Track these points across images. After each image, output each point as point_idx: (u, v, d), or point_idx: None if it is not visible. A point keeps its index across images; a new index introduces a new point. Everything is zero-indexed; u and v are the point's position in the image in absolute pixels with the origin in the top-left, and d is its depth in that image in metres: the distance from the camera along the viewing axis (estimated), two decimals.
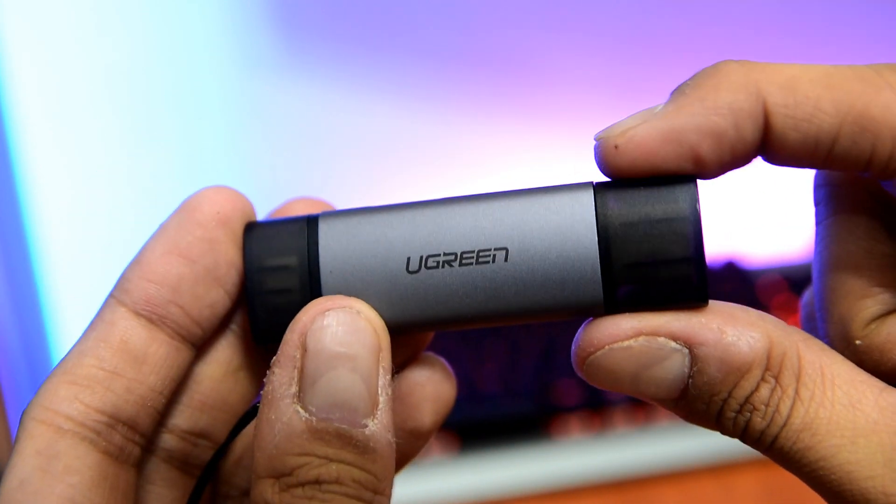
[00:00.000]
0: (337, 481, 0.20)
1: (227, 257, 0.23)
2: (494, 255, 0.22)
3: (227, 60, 0.69)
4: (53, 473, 0.21)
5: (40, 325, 0.65)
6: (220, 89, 0.70)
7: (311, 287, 0.22)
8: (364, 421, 0.21)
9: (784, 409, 0.21)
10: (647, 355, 0.22)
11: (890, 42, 0.80)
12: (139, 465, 0.23)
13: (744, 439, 0.22)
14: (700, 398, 0.22)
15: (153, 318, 0.23)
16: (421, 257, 0.22)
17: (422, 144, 0.73)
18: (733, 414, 0.22)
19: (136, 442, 0.23)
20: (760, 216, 0.80)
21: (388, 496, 0.21)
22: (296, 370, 0.21)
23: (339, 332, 0.21)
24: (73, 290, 0.67)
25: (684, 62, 0.82)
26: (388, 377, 0.21)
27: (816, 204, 0.25)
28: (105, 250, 0.69)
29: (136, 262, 0.24)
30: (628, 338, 0.22)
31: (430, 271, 0.22)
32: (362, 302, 0.22)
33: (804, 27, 0.78)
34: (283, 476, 0.20)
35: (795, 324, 0.23)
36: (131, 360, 0.22)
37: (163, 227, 0.25)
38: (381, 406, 0.21)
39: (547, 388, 0.58)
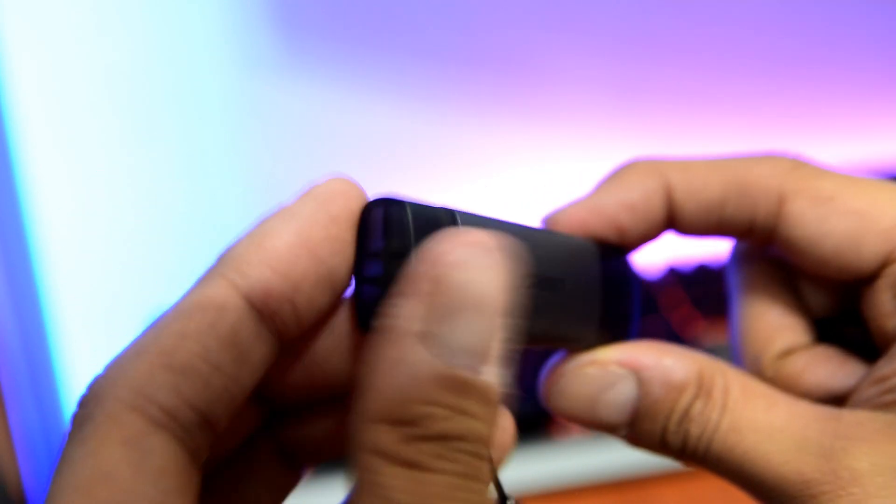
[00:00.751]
0: (463, 437, 0.18)
1: (350, 261, 0.21)
2: (556, 284, 0.25)
3: (227, 60, 0.69)
4: (146, 473, 0.18)
5: (40, 325, 0.65)
6: (220, 89, 0.70)
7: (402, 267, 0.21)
8: (489, 369, 0.19)
9: (714, 417, 0.25)
10: (601, 380, 0.27)
11: (890, 42, 0.80)
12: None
13: (683, 453, 0.26)
14: (648, 417, 0.27)
15: (265, 311, 0.20)
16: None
17: (422, 144, 0.73)
18: (675, 428, 0.26)
19: (208, 447, 0.20)
20: None
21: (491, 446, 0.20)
22: (426, 305, 0.19)
23: (477, 270, 0.19)
24: (73, 291, 0.67)
25: (684, 62, 0.82)
26: (508, 323, 0.20)
27: (728, 270, 0.31)
28: (105, 250, 0.69)
29: (257, 243, 0.21)
30: (583, 367, 0.28)
31: (529, 289, 0.23)
32: (496, 239, 0.20)
33: (804, 27, 0.78)
34: (406, 425, 0.18)
35: None
36: (236, 356, 0.20)
37: (290, 213, 0.21)
38: (497, 354, 0.19)
39: None
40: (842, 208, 0.27)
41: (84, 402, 0.19)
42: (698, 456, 0.26)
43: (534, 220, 0.27)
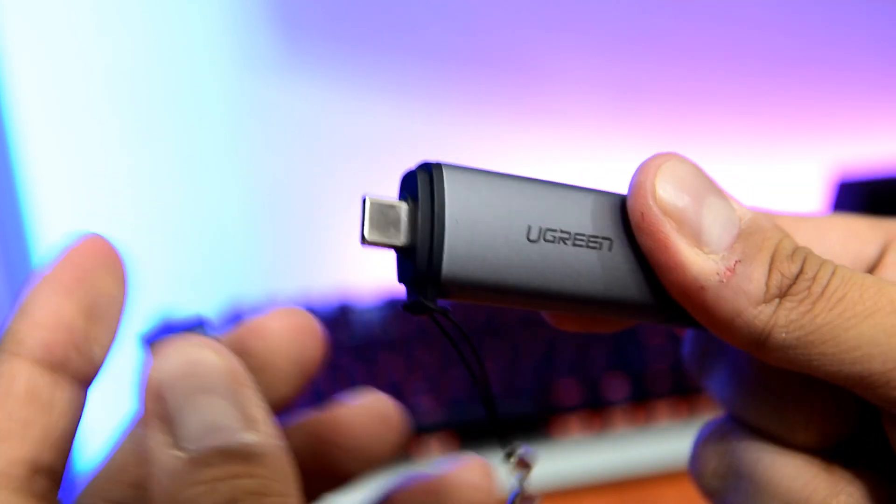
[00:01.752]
0: (233, 500, 0.19)
1: (108, 290, 0.23)
2: (602, 243, 0.23)
3: (227, 60, 0.69)
4: None
5: None
6: (220, 89, 0.70)
7: (433, 231, 0.21)
8: (243, 436, 0.20)
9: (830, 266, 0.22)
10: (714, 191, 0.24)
11: (890, 42, 0.80)
12: None
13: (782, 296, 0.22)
14: (757, 236, 0.23)
15: (55, 363, 0.22)
16: (541, 228, 0.22)
17: (422, 144, 0.73)
18: (788, 254, 0.22)
19: (55, 485, 0.23)
20: None
21: (297, 498, 0.20)
22: (159, 421, 0.20)
23: (185, 371, 0.20)
24: None
25: (685, 63, 0.82)
26: (254, 391, 0.21)
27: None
28: None
29: (25, 312, 0.23)
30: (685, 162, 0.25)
31: (548, 244, 0.22)
32: (198, 336, 0.22)
33: (805, 27, 0.78)
34: None
35: None
36: (42, 406, 0.22)
37: (42, 276, 0.23)
38: (260, 420, 0.20)
39: (547, 387, 0.58)
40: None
41: None
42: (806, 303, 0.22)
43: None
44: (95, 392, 0.25)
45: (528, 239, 0.22)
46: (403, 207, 0.21)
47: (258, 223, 0.73)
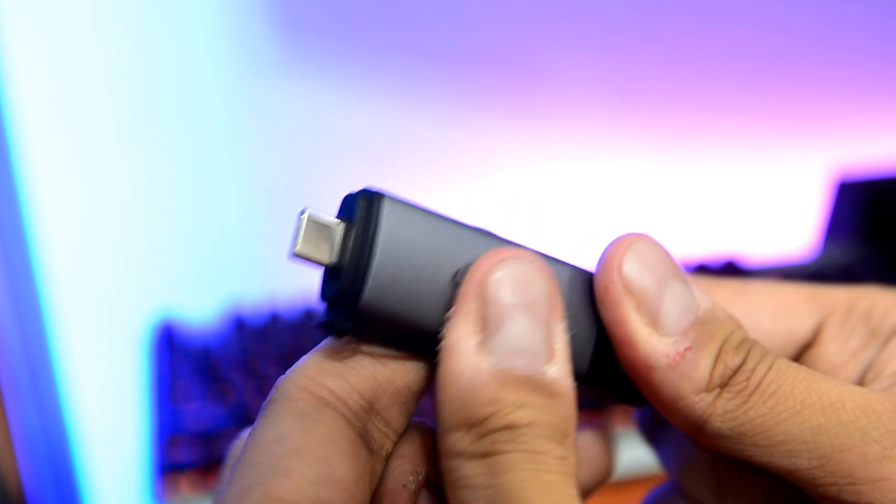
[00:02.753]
0: (530, 424, 0.20)
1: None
2: None
3: (227, 61, 0.69)
4: (314, 436, 0.21)
5: (40, 325, 0.65)
6: (220, 89, 0.70)
7: (360, 254, 0.22)
8: (545, 367, 0.21)
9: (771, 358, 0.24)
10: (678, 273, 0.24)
11: (890, 42, 0.80)
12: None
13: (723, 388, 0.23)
14: (709, 327, 0.23)
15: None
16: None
17: (422, 144, 0.73)
18: (734, 347, 0.23)
19: (387, 436, 0.23)
20: (760, 216, 0.80)
21: (574, 440, 0.21)
22: (476, 320, 0.21)
23: (516, 282, 0.21)
24: (74, 291, 0.67)
25: (685, 62, 0.82)
26: (563, 324, 0.22)
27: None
28: (105, 250, 0.69)
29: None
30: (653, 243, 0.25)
31: None
32: (531, 252, 0.22)
33: (805, 27, 0.78)
34: (475, 426, 0.20)
35: None
36: (387, 365, 0.23)
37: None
38: (558, 353, 0.21)
39: None
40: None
41: (271, 394, 0.22)
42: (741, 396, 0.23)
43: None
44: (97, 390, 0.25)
45: (454, 283, 0.22)
46: (339, 227, 0.22)
47: (258, 223, 0.73)
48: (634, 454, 0.57)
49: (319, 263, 0.22)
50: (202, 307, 0.66)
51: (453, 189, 0.75)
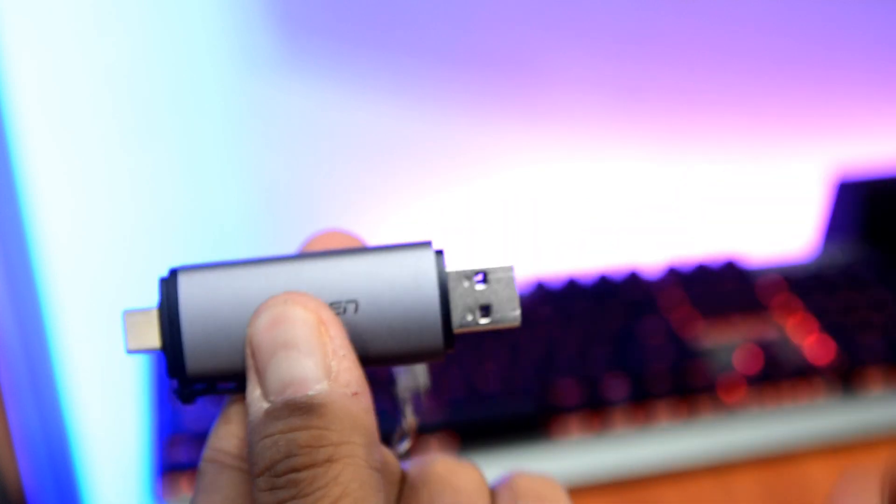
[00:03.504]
0: (287, 455, 0.20)
1: None
2: (345, 307, 0.24)
3: (227, 60, 0.69)
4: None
5: (40, 325, 0.65)
6: (220, 89, 0.70)
7: (172, 334, 0.24)
8: (317, 387, 0.21)
9: None
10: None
11: (890, 42, 0.80)
12: None
13: None
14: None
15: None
16: None
17: (422, 144, 0.73)
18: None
19: None
20: (760, 216, 0.80)
21: (359, 447, 0.21)
22: (253, 373, 0.22)
23: (269, 327, 0.22)
24: (74, 291, 0.67)
25: (685, 62, 0.82)
26: (339, 341, 0.22)
27: None
28: (105, 250, 0.69)
29: None
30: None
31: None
32: (290, 293, 0.23)
33: (805, 27, 0.78)
34: (256, 475, 0.21)
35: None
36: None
37: None
38: (335, 368, 0.21)
39: (547, 387, 0.58)
40: None
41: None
42: None
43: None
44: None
45: None
46: (154, 314, 0.24)
47: (258, 223, 0.73)
48: (634, 454, 0.57)
49: (153, 351, 0.24)
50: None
51: (453, 189, 0.75)
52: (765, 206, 0.80)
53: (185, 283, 0.24)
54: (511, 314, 0.24)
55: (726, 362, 0.61)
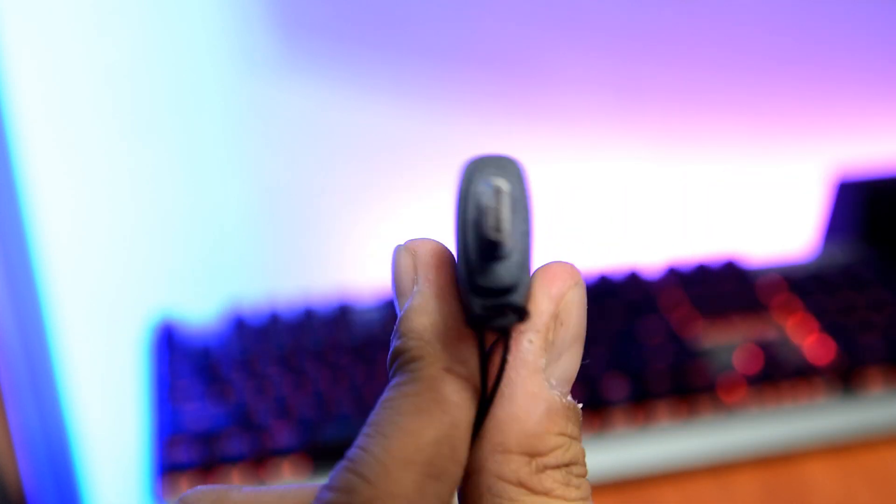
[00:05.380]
0: (576, 462, 0.20)
1: None
2: None
3: (227, 60, 0.69)
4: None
5: (40, 325, 0.65)
6: (220, 89, 0.70)
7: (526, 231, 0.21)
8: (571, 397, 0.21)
9: None
10: None
11: (890, 42, 0.80)
12: None
13: None
14: None
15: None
16: None
17: (422, 144, 0.73)
18: None
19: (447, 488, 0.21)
20: (760, 216, 0.80)
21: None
22: (545, 341, 0.21)
23: (580, 307, 0.21)
24: (74, 291, 0.67)
25: (685, 62, 0.82)
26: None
27: None
28: (105, 250, 0.69)
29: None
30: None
31: None
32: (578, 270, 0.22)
33: (806, 27, 0.78)
34: (540, 456, 0.20)
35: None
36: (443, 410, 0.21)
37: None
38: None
39: None
40: None
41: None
42: None
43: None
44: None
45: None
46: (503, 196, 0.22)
47: (258, 223, 0.73)
48: (634, 454, 0.57)
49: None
50: (202, 307, 0.66)
51: (453, 189, 0.75)
52: (765, 206, 0.80)
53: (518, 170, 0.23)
54: None
55: (726, 362, 0.61)
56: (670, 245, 0.75)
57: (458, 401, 0.20)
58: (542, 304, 0.21)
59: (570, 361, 0.21)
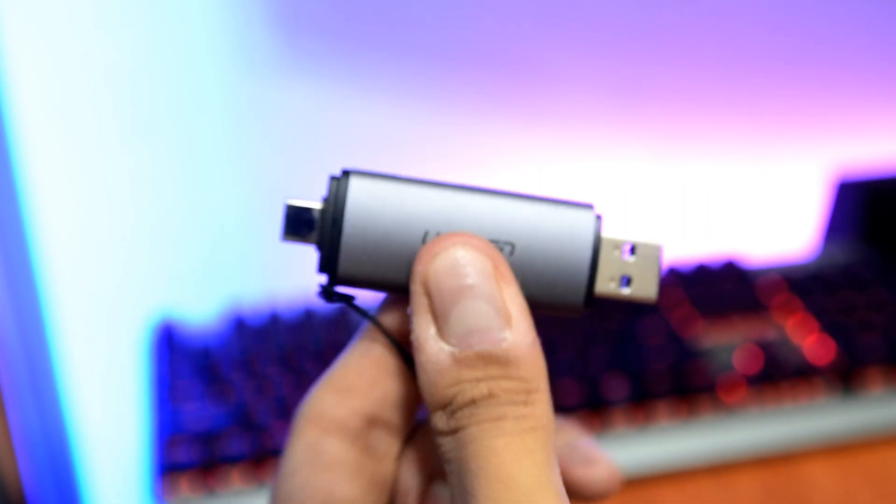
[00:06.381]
0: (489, 395, 0.23)
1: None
2: (503, 248, 0.25)
3: (227, 61, 0.69)
4: (319, 467, 0.25)
5: (40, 325, 0.65)
6: (220, 89, 0.70)
7: (332, 232, 0.25)
8: (501, 335, 0.23)
9: None
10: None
11: (890, 42, 0.80)
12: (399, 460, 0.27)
13: None
14: None
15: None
16: (438, 234, 0.24)
17: (422, 144, 0.73)
18: None
19: (393, 442, 0.27)
20: (760, 216, 0.80)
21: (544, 391, 0.23)
22: (427, 313, 0.23)
23: (452, 269, 0.23)
24: (74, 291, 0.67)
25: (686, 62, 0.82)
26: (513, 288, 0.24)
27: None
28: (105, 250, 0.69)
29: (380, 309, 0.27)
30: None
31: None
32: (463, 235, 0.24)
33: (806, 27, 0.78)
34: (447, 406, 0.23)
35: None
36: (387, 374, 0.26)
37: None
38: (514, 316, 0.23)
39: None
40: None
41: (290, 426, 0.27)
42: None
43: None
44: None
45: (423, 242, 0.24)
46: (317, 210, 0.25)
47: (258, 223, 0.73)
48: (634, 454, 0.57)
49: (307, 244, 0.25)
50: (202, 307, 0.66)
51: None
52: (765, 206, 0.80)
53: (355, 186, 0.25)
54: (649, 291, 0.26)
55: (726, 362, 0.61)
56: (670, 245, 0.75)
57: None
58: (412, 286, 0.24)
59: (461, 316, 0.23)
